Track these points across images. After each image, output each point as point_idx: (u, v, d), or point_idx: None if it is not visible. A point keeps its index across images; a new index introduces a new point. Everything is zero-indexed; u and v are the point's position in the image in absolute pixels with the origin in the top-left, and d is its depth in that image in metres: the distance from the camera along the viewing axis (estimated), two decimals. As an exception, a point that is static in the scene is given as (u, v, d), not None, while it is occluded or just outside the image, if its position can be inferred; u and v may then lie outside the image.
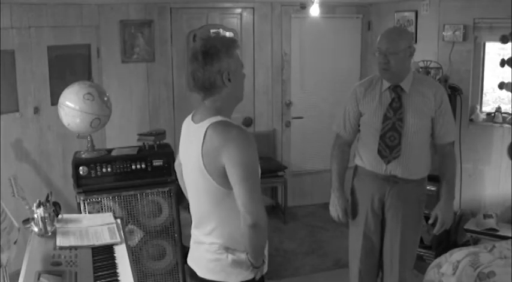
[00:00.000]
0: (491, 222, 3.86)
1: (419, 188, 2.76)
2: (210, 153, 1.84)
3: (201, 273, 2.02)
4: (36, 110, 4.03)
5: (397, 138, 2.62)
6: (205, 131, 1.86)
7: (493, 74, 4.14)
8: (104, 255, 2.17)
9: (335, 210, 2.83)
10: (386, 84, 2.67)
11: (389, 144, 2.63)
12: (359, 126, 2.79)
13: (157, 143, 3.46)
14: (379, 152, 2.66)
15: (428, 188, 3.38)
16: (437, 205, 2.72)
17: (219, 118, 1.88)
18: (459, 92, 4.05)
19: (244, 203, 1.80)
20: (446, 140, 2.70)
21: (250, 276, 1.95)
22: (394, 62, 2.54)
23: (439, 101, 2.62)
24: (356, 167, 2.86)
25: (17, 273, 1.93)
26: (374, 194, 2.74)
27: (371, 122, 2.69)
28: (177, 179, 2.32)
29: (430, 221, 2.76)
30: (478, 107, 4.23)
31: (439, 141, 2.70)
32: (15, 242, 2.05)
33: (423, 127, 2.64)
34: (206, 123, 1.88)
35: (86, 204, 3.20)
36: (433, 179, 3.03)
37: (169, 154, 3.40)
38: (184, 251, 2.22)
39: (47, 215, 2.25)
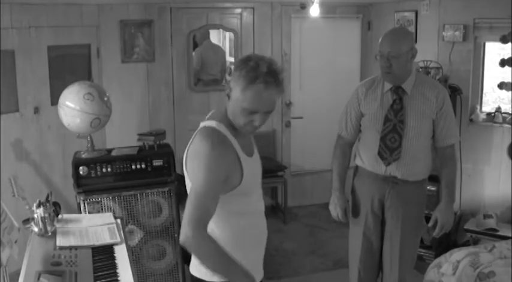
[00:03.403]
0: (491, 222, 3.86)
1: (420, 189, 2.76)
2: (190, 156, 1.84)
3: (192, 270, 2.03)
4: (36, 110, 4.03)
5: (397, 140, 2.62)
6: (195, 134, 1.86)
7: (493, 74, 4.14)
8: (104, 255, 2.17)
9: (335, 209, 2.83)
10: (388, 85, 2.66)
11: (390, 146, 2.63)
12: (360, 126, 2.79)
13: (157, 143, 3.46)
14: (380, 153, 2.66)
15: (428, 188, 3.40)
16: (437, 208, 2.72)
17: (212, 123, 1.84)
18: (459, 92, 4.05)
19: (184, 216, 1.73)
20: (447, 143, 2.68)
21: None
22: (397, 65, 2.53)
23: (441, 102, 2.61)
24: (356, 167, 2.86)
25: (17, 273, 1.93)
26: (374, 195, 2.74)
27: (372, 123, 2.69)
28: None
29: (430, 224, 2.74)
30: (478, 107, 4.23)
31: (439, 143, 2.68)
32: (15, 242, 2.05)
33: (424, 129, 2.63)
34: (201, 125, 1.89)
35: (86, 204, 3.20)
36: (433, 179, 3.03)
37: (169, 154, 3.40)
38: (184, 251, 2.22)
39: (47, 215, 2.25)
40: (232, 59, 5.36)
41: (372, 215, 2.77)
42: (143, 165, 3.33)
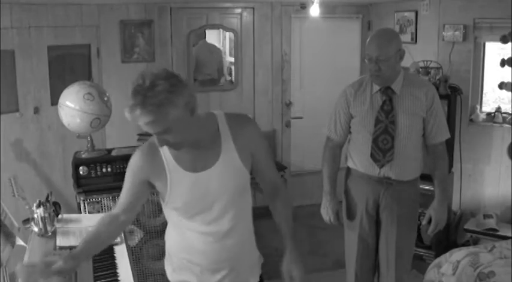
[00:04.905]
0: (491, 222, 3.86)
1: (413, 188, 2.76)
2: None
3: None
4: (36, 110, 4.03)
5: (389, 142, 2.60)
6: None
7: (493, 74, 4.14)
8: (104, 255, 2.17)
9: (326, 213, 2.83)
10: (376, 86, 2.65)
11: (382, 147, 2.62)
12: (350, 128, 2.77)
13: (157, 143, 3.46)
14: (372, 155, 2.64)
15: (427, 188, 3.40)
16: (431, 205, 2.72)
17: None
18: (459, 92, 4.04)
19: None
20: (438, 140, 2.68)
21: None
22: (386, 68, 2.53)
23: (430, 100, 2.61)
24: (348, 169, 2.85)
25: (17, 273, 1.92)
26: (368, 196, 2.73)
27: (363, 125, 2.67)
28: None
29: (424, 222, 2.75)
30: (478, 107, 4.23)
31: (430, 141, 2.68)
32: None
33: (415, 128, 2.62)
34: None
35: (86, 204, 3.20)
36: (431, 178, 3.03)
37: (169, 154, 3.39)
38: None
39: (47, 215, 2.26)
40: (232, 59, 5.36)
41: (366, 216, 2.76)
42: (143, 165, 3.33)
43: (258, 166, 1.89)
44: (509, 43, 3.64)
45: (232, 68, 5.27)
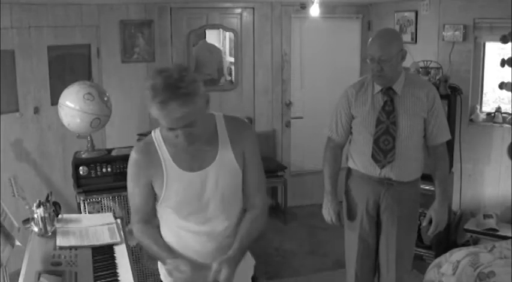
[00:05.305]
0: (491, 222, 3.86)
1: (414, 189, 2.75)
2: None
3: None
4: (36, 110, 4.03)
5: (391, 142, 2.60)
6: None
7: (493, 74, 4.14)
8: (104, 255, 2.17)
9: (328, 213, 2.83)
10: (378, 86, 2.64)
11: (383, 148, 2.62)
12: (351, 128, 2.77)
13: (157, 143, 3.46)
14: (373, 156, 2.64)
15: (428, 188, 3.40)
16: (431, 206, 2.71)
17: (154, 130, 1.87)
18: (459, 92, 4.04)
19: None
20: (439, 141, 2.68)
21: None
22: (388, 69, 2.52)
23: (432, 101, 2.61)
24: (349, 169, 2.84)
25: (17, 273, 1.93)
26: (369, 197, 2.73)
27: (364, 125, 2.67)
28: None
29: (424, 223, 2.74)
30: (478, 107, 4.23)
31: (431, 142, 2.68)
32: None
33: (416, 129, 2.62)
34: None
35: (86, 204, 3.20)
36: (432, 178, 3.03)
37: (169, 154, 3.39)
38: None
39: (47, 215, 2.26)
40: (232, 59, 5.36)
41: (367, 217, 2.76)
42: (143, 165, 3.33)
43: (247, 167, 1.87)
44: (509, 43, 3.64)
45: (232, 68, 5.27)
